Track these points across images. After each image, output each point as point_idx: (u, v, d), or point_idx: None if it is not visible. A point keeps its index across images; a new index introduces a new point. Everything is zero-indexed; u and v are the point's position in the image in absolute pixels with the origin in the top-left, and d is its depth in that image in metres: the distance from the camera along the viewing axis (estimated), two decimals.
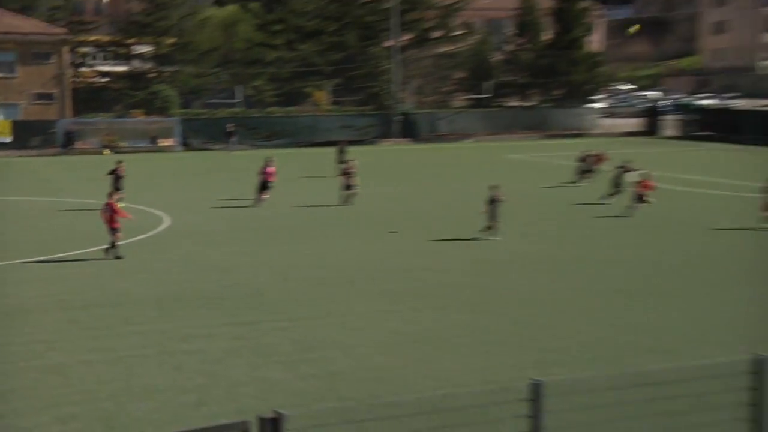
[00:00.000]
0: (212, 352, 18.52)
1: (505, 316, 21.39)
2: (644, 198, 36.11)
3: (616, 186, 39.04)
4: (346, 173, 40.16)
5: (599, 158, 45.85)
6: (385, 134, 75.40)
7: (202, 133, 70.66)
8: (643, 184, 36.48)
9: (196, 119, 74.22)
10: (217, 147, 68.06)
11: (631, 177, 38.96)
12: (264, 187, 38.95)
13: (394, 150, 69.62)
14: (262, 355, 18.30)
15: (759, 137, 67.89)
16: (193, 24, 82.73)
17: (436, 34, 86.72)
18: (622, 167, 39.89)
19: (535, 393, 9.17)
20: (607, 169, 42.33)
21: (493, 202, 30.78)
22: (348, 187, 39.64)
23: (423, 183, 48.07)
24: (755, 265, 27.13)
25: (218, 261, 27.96)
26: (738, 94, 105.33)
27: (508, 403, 9.57)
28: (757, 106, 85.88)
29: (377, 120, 76.73)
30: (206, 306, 22.36)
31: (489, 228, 30.80)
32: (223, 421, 8.95)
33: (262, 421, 8.29)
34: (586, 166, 45.61)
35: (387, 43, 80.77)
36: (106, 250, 27.60)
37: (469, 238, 31.15)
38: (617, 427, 11.31)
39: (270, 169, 39.39)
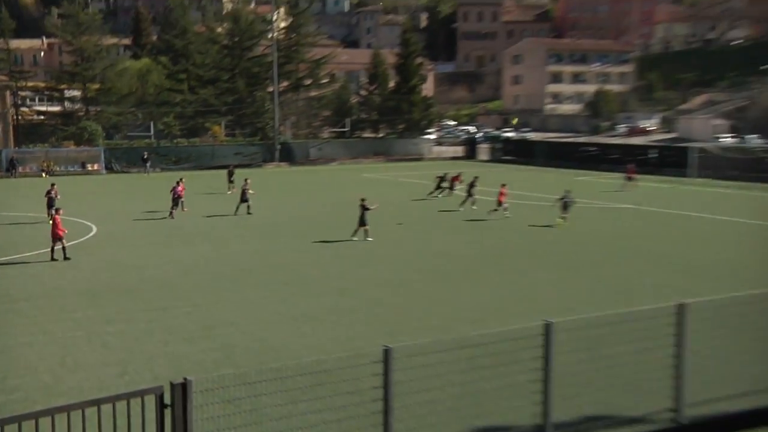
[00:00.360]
0: (131, 333, 18.08)
1: (363, 298, 21.50)
2: (502, 204, 37.05)
3: (469, 195, 40.21)
4: (243, 189, 39.69)
5: (456, 178, 46.42)
6: (269, 159, 75.13)
7: (122, 160, 69.64)
8: (501, 194, 37.34)
9: (117, 148, 73.15)
10: (134, 170, 67.22)
11: (477, 189, 40.42)
12: (175, 202, 38.17)
13: (276, 171, 69.27)
14: (171, 334, 17.94)
15: (547, 160, 71.12)
16: (114, 73, 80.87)
17: (308, 81, 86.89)
18: (472, 182, 41.04)
19: (386, 356, 9.21)
20: (460, 186, 43.07)
21: (364, 209, 30.81)
22: (244, 200, 39.22)
23: (301, 197, 47.99)
24: (549, 254, 28.02)
25: (135, 260, 27.30)
26: (530, 129, 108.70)
27: (367, 365, 9.58)
28: (545, 138, 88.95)
29: (262, 148, 76.52)
30: (126, 296, 21.85)
31: (363, 231, 30.73)
32: (142, 386, 8.71)
33: (173, 386, 8.10)
34: (446, 184, 46.08)
35: (269, 89, 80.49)
36: (53, 254, 27.07)
37: (337, 239, 31.20)
38: (450, 380, 11.47)
39: (180, 188, 38.64)
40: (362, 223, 30.64)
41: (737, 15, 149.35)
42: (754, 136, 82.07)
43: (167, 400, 8.06)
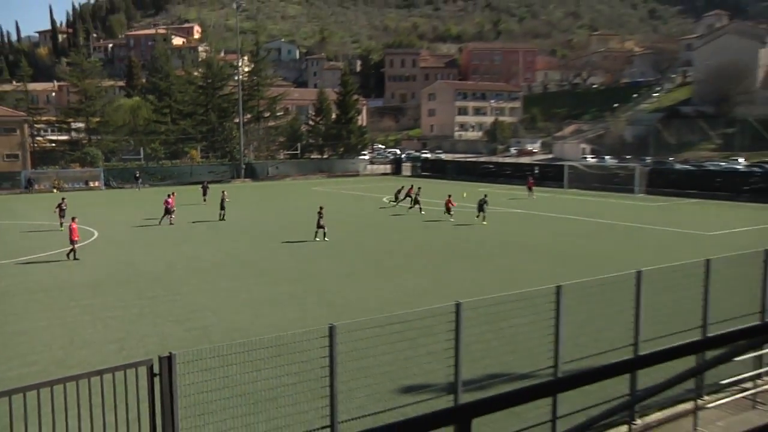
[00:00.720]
0: (127, 316, 17.62)
1: (315, 287, 21.37)
2: (450, 210, 37.31)
3: (416, 203, 40.50)
4: (222, 200, 39.10)
5: (410, 190, 45.04)
6: (236, 176, 73.99)
7: (118, 178, 67.70)
8: (448, 201, 37.49)
9: (114, 168, 71.09)
10: (128, 186, 65.46)
11: (420, 198, 41.07)
12: (166, 212, 37.19)
13: (242, 186, 68.15)
14: (160, 317, 17.55)
15: (456, 175, 71.79)
16: (111, 109, 79.12)
17: (267, 114, 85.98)
18: (417, 192, 41.56)
19: (331, 332, 9.16)
20: (412, 196, 43.00)
21: (320, 215, 30.58)
22: (222, 208, 38.65)
23: (264, 206, 47.31)
24: (462, 249, 28.30)
25: (130, 258, 26.61)
26: (442, 150, 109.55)
27: (316, 339, 9.52)
28: (455, 157, 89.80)
29: (230, 167, 75.30)
30: (123, 287, 21.29)
31: (322, 233, 30.45)
32: (137, 360, 8.50)
33: (161, 359, 7.91)
34: (402, 195, 44.72)
35: (236, 120, 79.39)
36: (68, 254, 26.42)
37: (295, 240, 30.94)
38: (383, 350, 11.47)
39: (171, 200, 37.63)
40: (320, 226, 30.44)
41: (595, 66, 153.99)
42: (609, 156, 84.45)
43: (156, 370, 7.89)
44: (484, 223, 35.42)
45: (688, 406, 11.81)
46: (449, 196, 38.08)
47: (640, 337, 11.79)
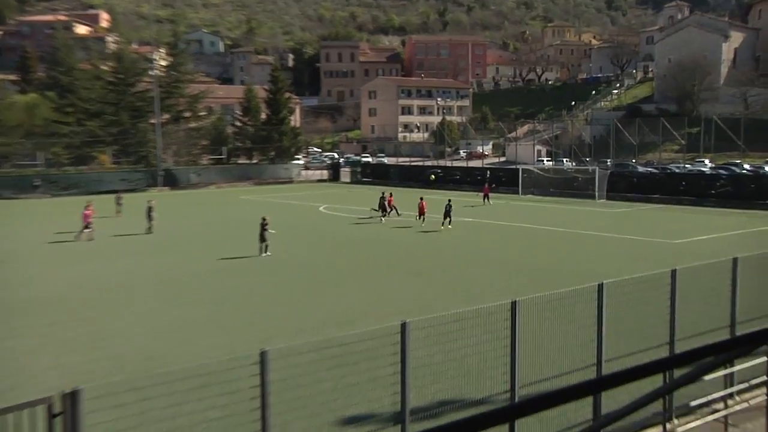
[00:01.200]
0: (23, 348, 16.95)
1: (245, 306, 21.09)
2: (423, 213, 38.50)
3: (391, 209, 40.73)
4: (149, 207, 38.36)
5: (390, 199, 44.69)
6: (152, 184, 72.70)
7: (14, 187, 65.32)
8: (421, 205, 39.05)
9: (7, 176, 68.60)
10: (23, 196, 63.29)
11: (395, 203, 41.87)
12: (86, 225, 35.95)
13: (160, 195, 66.87)
14: (63, 347, 16.98)
15: (400, 181, 72.43)
16: (2, 106, 76.40)
17: (187, 114, 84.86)
18: (384, 198, 42.20)
19: (263, 358, 9.04)
20: (396, 205, 42.94)
21: (263, 228, 30.20)
22: (149, 219, 37.92)
23: (187, 217, 46.38)
24: (410, 261, 28.38)
25: (28, 280, 25.63)
26: (384, 154, 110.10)
27: (246, 366, 9.37)
28: (398, 162, 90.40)
29: (146, 174, 73.99)
30: (19, 314, 20.45)
31: (264, 246, 30.10)
32: (33, 398, 8.15)
33: (64, 395, 7.63)
34: (383, 205, 43.80)
35: (152, 120, 78.01)
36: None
37: (221, 255, 30.47)
38: (321, 377, 11.39)
39: (88, 212, 36.40)
40: (262, 239, 30.10)
41: (550, 60, 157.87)
42: (567, 159, 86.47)
43: (58, 409, 7.60)
44: (450, 227, 37.35)
45: (656, 430, 12.11)
46: (421, 199, 39.54)
47: (604, 355, 12.05)
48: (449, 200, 39.29)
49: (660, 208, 49.38)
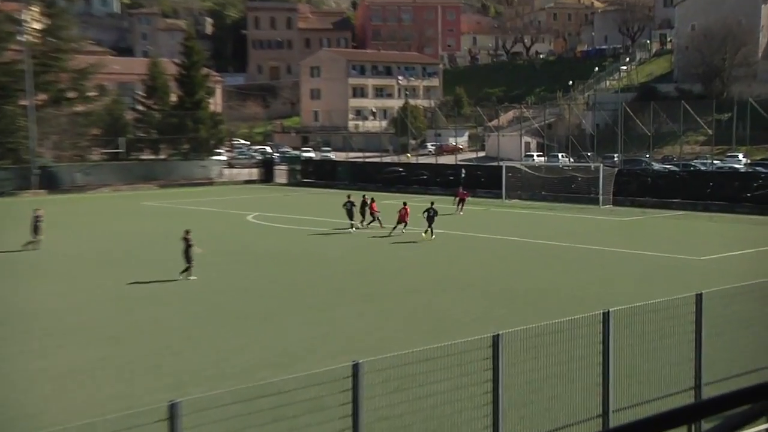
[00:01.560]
0: None
1: (148, 346, 20.79)
2: (405, 221, 39.96)
3: (362, 214, 42.89)
4: (36, 216, 37.77)
5: (372, 204, 44.91)
6: (24, 186, 71.43)
7: None
8: (404, 211, 40.04)
9: None
10: None
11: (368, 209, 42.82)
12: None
13: (35, 201, 65.71)
14: None
15: (351, 182, 72.28)
16: None
17: (72, 94, 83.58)
18: (364, 201, 43.57)
19: (172, 412, 8.90)
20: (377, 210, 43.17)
21: (188, 245, 29.82)
22: (35, 233, 37.29)
23: (74, 230, 45.20)
24: (365, 284, 28.28)
25: None
26: (330, 148, 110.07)
27: (150, 424, 9.21)
28: (348, 158, 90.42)
29: (15, 173, 72.60)
30: None
31: (187, 269, 29.80)
32: None
33: None
34: (362, 210, 44.65)
35: (23, 102, 76.66)
36: None
37: (115, 278, 30.06)
38: None
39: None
40: (188, 259, 29.71)
41: (541, 28, 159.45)
42: (563, 154, 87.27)
43: None
44: (433, 237, 38.63)
45: None
46: (405, 203, 40.52)
47: (611, 404, 12.13)
48: (432, 203, 39.84)
49: (681, 216, 50.14)
